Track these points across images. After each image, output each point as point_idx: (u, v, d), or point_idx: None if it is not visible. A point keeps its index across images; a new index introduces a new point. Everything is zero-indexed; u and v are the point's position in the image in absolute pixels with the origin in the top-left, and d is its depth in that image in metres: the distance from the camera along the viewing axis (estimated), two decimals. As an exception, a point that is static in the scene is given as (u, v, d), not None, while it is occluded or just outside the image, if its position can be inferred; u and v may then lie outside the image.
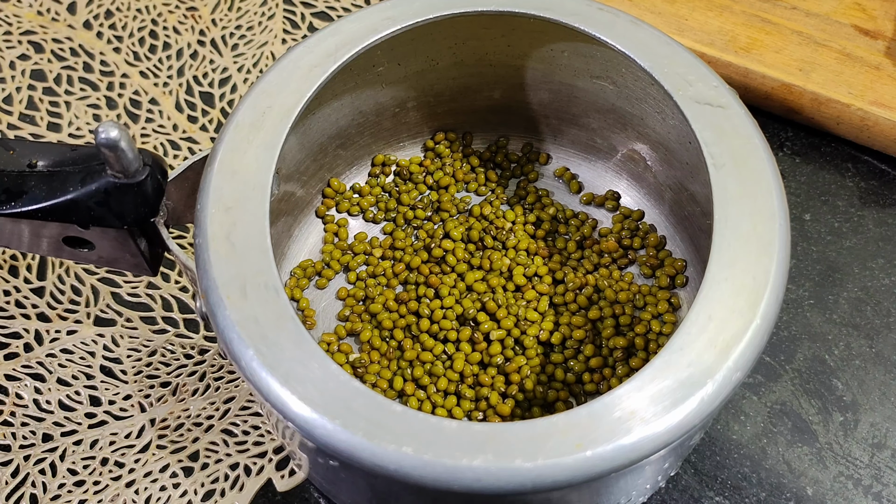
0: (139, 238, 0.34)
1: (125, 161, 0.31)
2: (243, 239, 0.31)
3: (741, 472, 0.39)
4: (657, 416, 0.28)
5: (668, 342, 0.29)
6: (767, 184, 0.32)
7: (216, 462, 0.39)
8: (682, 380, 0.28)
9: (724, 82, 0.34)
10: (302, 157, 0.39)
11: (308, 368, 0.28)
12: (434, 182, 0.43)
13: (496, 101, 0.43)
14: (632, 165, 0.42)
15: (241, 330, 0.29)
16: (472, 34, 0.39)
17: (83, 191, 0.32)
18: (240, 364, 0.29)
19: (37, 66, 0.51)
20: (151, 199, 0.33)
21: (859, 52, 0.47)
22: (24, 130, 0.48)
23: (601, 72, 0.39)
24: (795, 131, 0.48)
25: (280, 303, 0.30)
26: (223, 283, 0.30)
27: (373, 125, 0.42)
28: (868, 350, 0.42)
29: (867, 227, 0.45)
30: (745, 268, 0.30)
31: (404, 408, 0.28)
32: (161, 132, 0.48)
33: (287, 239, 0.41)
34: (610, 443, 0.27)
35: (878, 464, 0.39)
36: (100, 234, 0.33)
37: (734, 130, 0.33)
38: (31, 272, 0.44)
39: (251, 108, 0.34)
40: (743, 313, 0.29)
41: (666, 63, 0.35)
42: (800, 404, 0.41)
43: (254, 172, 0.32)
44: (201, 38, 0.52)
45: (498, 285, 0.40)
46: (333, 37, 0.36)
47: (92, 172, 0.32)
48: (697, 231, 0.39)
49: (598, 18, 0.36)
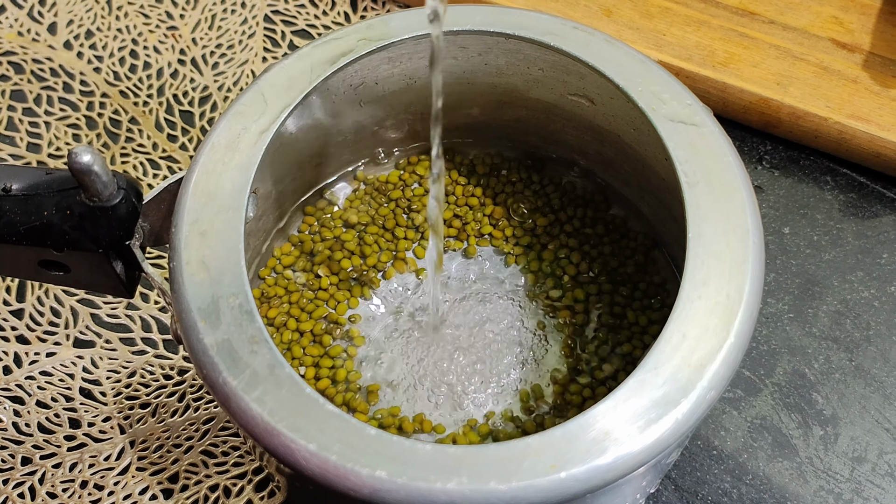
0: (115, 261, 0.34)
1: (99, 185, 0.31)
2: (218, 262, 0.31)
3: (722, 487, 0.39)
4: (632, 436, 0.28)
5: (642, 361, 0.29)
6: (741, 201, 0.32)
7: (196, 483, 0.39)
8: (657, 399, 0.28)
9: (698, 100, 0.35)
10: (280, 176, 0.39)
11: (280, 392, 0.28)
12: (409, 197, 0.43)
13: (475, 119, 0.43)
14: (610, 181, 0.42)
15: (214, 354, 0.29)
16: (448, 53, 0.39)
17: (58, 214, 0.32)
18: (213, 388, 0.29)
19: (16, 86, 0.51)
20: (126, 223, 0.33)
21: (837, 65, 0.48)
22: (4, 151, 0.48)
23: (577, 90, 0.39)
24: (774, 145, 0.48)
25: (254, 326, 0.29)
26: (197, 306, 0.30)
27: (351, 143, 0.42)
28: (848, 363, 0.42)
29: (846, 239, 0.45)
30: (719, 286, 0.30)
31: (378, 431, 0.28)
32: (141, 151, 0.48)
33: (266, 258, 0.41)
34: (585, 463, 0.27)
35: (859, 478, 0.39)
36: (76, 257, 0.33)
37: (708, 148, 0.33)
38: (11, 294, 0.44)
39: (226, 129, 0.34)
40: (717, 332, 0.29)
41: (640, 81, 0.35)
42: (780, 418, 0.41)
43: (229, 194, 0.32)
44: (182, 58, 0.52)
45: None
46: (310, 57, 0.36)
47: (66, 196, 0.32)
48: (676, 247, 0.39)
49: (573, 37, 0.36)
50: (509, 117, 0.42)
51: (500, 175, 0.44)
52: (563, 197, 0.42)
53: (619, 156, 0.40)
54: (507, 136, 0.43)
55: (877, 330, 0.43)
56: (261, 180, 0.38)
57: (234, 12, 0.53)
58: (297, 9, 0.54)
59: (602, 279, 0.40)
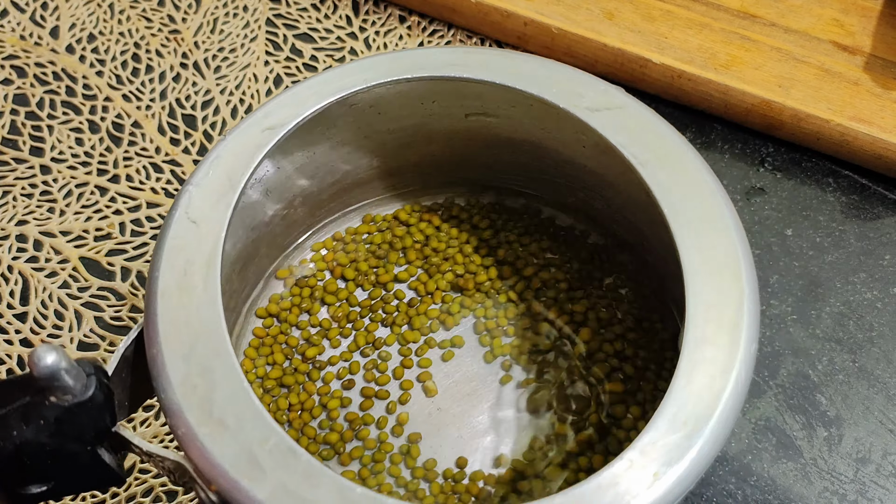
0: (104, 452, 0.30)
1: (70, 381, 0.28)
2: (231, 410, 0.28)
3: (726, 488, 0.39)
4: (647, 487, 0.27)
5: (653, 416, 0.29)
6: (694, 164, 0.33)
7: (200, 486, 0.39)
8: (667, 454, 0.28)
9: (609, 83, 0.35)
10: (240, 286, 0.39)
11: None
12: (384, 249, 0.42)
13: (378, 169, 0.42)
14: (581, 202, 0.42)
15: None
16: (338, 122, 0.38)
17: (30, 429, 0.28)
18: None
19: (19, 90, 0.51)
20: (107, 408, 0.29)
21: (838, 67, 0.48)
22: (8, 155, 0.48)
23: (494, 110, 0.39)
24: (776, 147, 0.48)
25: (302, 461, 0.28)
26: (231, 465, 0.27)
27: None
28: (851, 364, 0.42)
29: (849, 241, 0.45)
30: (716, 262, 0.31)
31: (364, 489, 0.27)
32: (144, 155, 0.49)
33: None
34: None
35: (863, 479, 0.39)
36: (61, 465, 0.29)
37: (640, 126, 0.34)
38: (14, 297, 0.44)
39: (169, 269, 0.31)
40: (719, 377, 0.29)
41: (550, 83, 0.35)
42: (784, 420, 0.41)
43: (209, 337, 0.30)
44: (184, 61, 0.52)
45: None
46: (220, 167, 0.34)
47: (31, 406, 0.28)
48: (657, 264, 0.39)
49: (472, 61, 0.36)
50: (470, 153, 0.42)
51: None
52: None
53: (537, 161, 0.41)
54: (472, 171, 0.43)
55: (880, 331, 0.43)
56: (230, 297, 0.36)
57: (236, 16, 0.54)
58: (298, 13, 0.54)
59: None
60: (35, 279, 0.45)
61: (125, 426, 0.30)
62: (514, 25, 0.50)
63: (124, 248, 0.46)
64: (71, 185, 0.47)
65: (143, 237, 0.46)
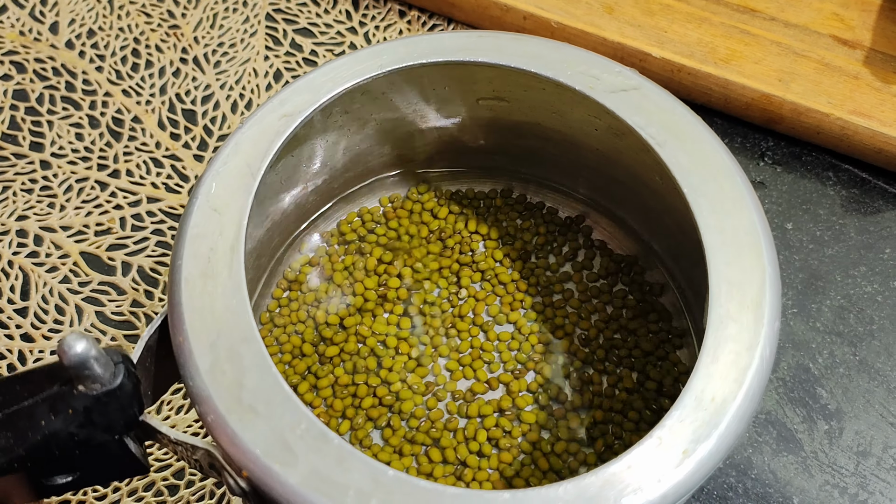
0: (131, 442, 0.30)
1: (99, 370, 0.27)
2: (260, 396, 0.28)
3: (727, 482, 0.39)
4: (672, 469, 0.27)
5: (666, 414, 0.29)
6: (711, 144, 0.33)
7: (202, 480, 0.39)
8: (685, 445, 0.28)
9: (623, 65, 0.35)
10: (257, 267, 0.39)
11: (394, 495, 0.27)
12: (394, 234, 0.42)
13: (393, 158, 0.43)
14: (598, 192, 0.42)
15: (306, 491, 0.27)
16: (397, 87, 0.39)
17: (58, 419, 0.28)
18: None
19: (19, 85, 0.51)
20: (135, 397, 0.29)
21: (838, 61, 0.48)
22: (8, 150, 0.48)
23: (507, 94, 0.39)
24: (776, 141, 0.48)
25: (333, 445, 0.27)
26: (263, 451, 0.27)
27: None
28: (852, 358, 0.42)
29: (849, 235, 0.45)
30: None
31: (396, 472, 0.27)
32: (144, 150, 0.48)
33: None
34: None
35: (864, 472, 0.39)
36: (88, 455, 0.29)
37: (656, 107, 0.34)
38: (15, 292, 0.44)
39: (192, 257, 0.31)
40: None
41: (565, 66, 0.35)
42: (784, 413, 0.41)
43: (234, 323, 0.30)
44: (184, 56, 0.52)
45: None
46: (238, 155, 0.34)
47: (59, 396, 0.28)
48: (673, 245, 0.39)
49: (485, 45, 0.36)
50: (482, 141, 0.42)
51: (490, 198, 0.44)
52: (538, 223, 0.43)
53: (545, 143, 0.41)
54: (486, 158, 0.43)
55: (880, 324, 0.43)
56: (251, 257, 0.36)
57: (235, 11, 0.54)
58: (298, 7, 0.54)
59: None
60: (35, 274, 0.45)
61: (152, 419, 0.30)
62: (513, 19, 0.50)
63: (125, 242, 0.46)
64: (71, 180, 0.47)
65: (144, 232, 0.46)
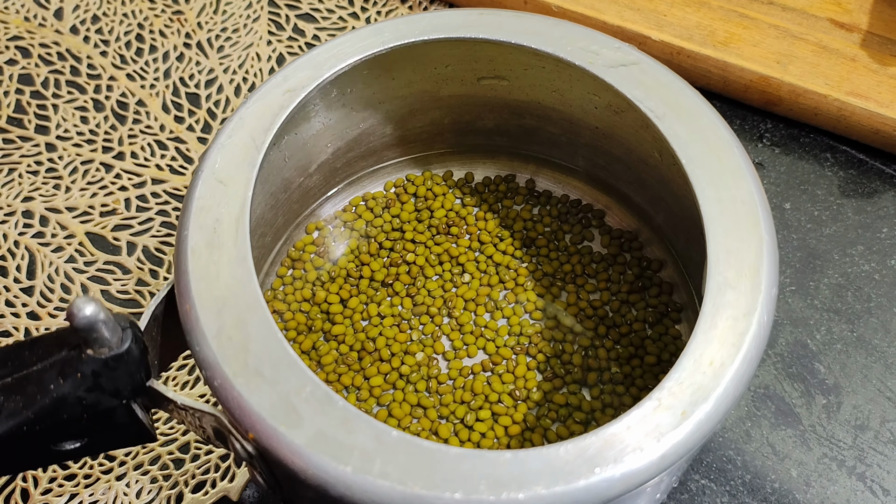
0: (138, 408, 0.30)
1: (107, 333, 0.28)
2: (266, 360, 0.29)
3: (726, 454, 0.40)
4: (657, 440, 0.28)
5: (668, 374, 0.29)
6: (709, 117, 0.34)
7: (207, 454, 0.39)
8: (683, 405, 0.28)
9: (622, 41, 0.36)
10: (278, 220, 0.39)
11: (398, 456, 0.27)
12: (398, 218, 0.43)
13: (391, 137, 0.43)
14: (598, 169, 0.43)
15: (312, 451, 0.27)
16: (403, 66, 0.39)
17: (67, 383, 0.28)
18: (328, 484, 0.27)
19: (24, 70, 0.51)
20: (142, 362, 0.29)
21: (835, 44, 0.48)
22: (13, 133, 0.49)
23: (507, 73, 0.39)
24: (774, 123, 0.49)
25: (338, 407, 0.28)
26: (268, 413, 0.28)
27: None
28: (849, 334, 0.42)
29: (846, 214, 0.46)
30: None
31: (400, 433, 0.27)
32: (148, 133, 0.49)
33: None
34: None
35: (862, 445, 0.40)
36: (96, 420, 0.29)
37: (655, 81, 0.35)
38: (21, 272, 0.44)
39: (198, 228, 0.31)
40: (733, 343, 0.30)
41: (565, 42, 0.36)
42: (783, 388, 0.41)
43: (240, 292, 0.30)
44: (187, 41, 0.52)
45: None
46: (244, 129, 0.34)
47: (67, 360, 0.28)
48: (670, 225, 0.40)
49: (486, 23, 0.37)
50: (484, 122, 0.43)
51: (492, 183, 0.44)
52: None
53: (545, 122, 0.41)
54: (487, 137, 0.44)
55: (878, 302, 0.43)
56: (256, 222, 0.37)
57: (238, -3, 0.54)
58: (301, -7, 0.54)
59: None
60: (41, 254, 0.45)
61: (160, 384, 0.30)
62: (513, 4, 0.51)
63: (130, 223, 0.46)
64: (76, 162, 0.48)
65: (149, 212, 0.46)
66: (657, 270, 0.41)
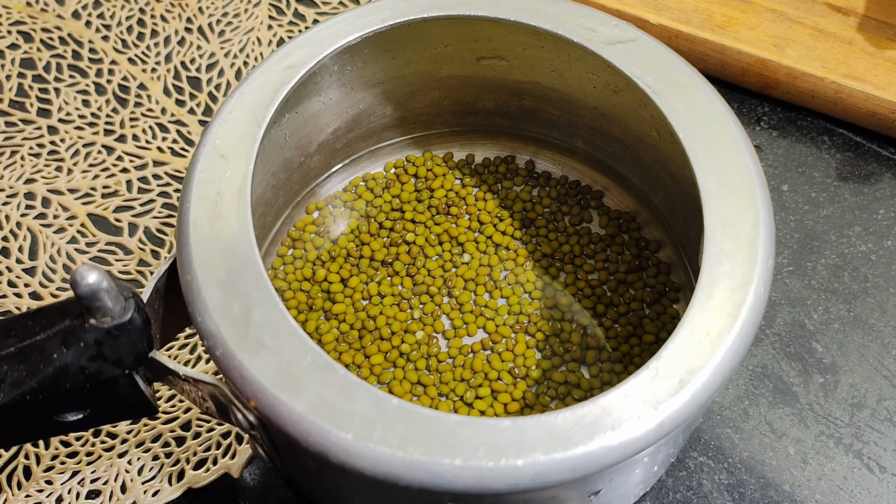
0: (140, 379, 0.30)
1: (110, 302, 0.28)
2: (267, 330, 0.29)
3: (724, 432, 0.40)
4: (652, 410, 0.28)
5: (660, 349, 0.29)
6: (705, 92, 0.34)
7: (208, 431, 0.40)
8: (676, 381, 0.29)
9: (619, 19, 0.36)
10: (265, 212, 0.40)
11: (399, 424, 0.27)
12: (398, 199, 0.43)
13: (391, 118, 0.43)
14: (596, 150, 0.43)
15: (313, 418, 0.27)
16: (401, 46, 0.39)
17: (70, 352, 0.28)
18: (328, 450, 0.27)
19: (26, 54, 0.52)
20: (145, 332, 0.29)
21: (832, 28, 0.48)
22: (15, 116, 0.49)
23: (506, 52, 0.39)
24: (772, 106, 0.49)
25: (339, 375, 0.28)
26: (270, 382, 0.28)
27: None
28: (846, 314, 0.43)
29: (843, 196, 0.46)
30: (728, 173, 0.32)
31: (400, 400, 0.28)
32: (150, 116, 0.49)
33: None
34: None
35: (858, 423, 0.40)
36: (98, 390, 0.29)
37: (653, 57, 0.35)
38: (23, 253, 0.45)
39: (199, 201, 0.32)
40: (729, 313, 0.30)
41: (563, 19, 0.36)
42: (780, 367, 0.41)
43: (241, 263, 0.30)
44: (188, 26, 0.53)
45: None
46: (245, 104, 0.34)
47: (71, 330, 0.28)
48: (667, 203, 0.40)
49: (483, 0, 0.37)
50: (484, 103, 0.43)
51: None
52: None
53: (544, 103, 0.41)
54: (485, 117, 0.44)
55: (874, 282, 0.44)
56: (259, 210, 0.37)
57: (239, -18, 0.54)
58: (301, -21, 0.54)
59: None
60: (43, 235, 0.45)
61: (161, 355, 0.30)
62: (513, -11, 0.51)
63: (131, 204, 0.46)
64: (78, 144, 0.48)
65: (150, 194, 0.47)
66: (655, 251, 0.41)
